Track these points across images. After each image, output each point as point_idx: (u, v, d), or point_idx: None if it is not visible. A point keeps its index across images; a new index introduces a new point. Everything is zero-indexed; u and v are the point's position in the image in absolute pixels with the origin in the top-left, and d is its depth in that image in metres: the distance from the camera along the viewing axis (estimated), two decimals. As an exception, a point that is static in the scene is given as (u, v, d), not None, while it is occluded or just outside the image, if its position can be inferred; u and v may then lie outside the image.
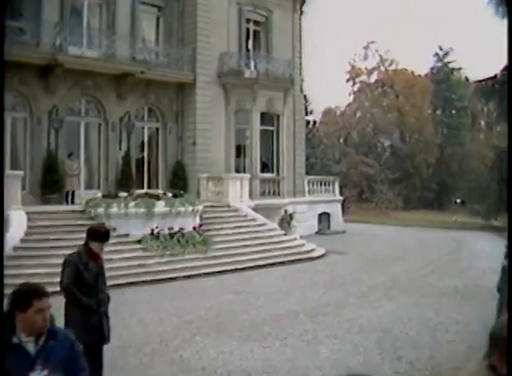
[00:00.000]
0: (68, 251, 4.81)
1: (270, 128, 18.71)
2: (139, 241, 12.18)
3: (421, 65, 58.91)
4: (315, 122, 35.98)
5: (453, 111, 40.54)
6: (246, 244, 13.65)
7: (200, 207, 13.91)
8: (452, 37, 59.34)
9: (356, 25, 61.31)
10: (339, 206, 22.10)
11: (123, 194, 13.14)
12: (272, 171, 18.76)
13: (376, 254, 15.25)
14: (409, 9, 59.03)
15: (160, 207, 12.79)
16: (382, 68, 41.89)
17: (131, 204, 12.55)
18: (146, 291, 9.73)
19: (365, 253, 15.44)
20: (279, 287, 10.54)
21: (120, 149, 16.04)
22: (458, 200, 37.48)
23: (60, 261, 4.71)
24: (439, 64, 41.64)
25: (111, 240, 4.81)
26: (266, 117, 18.42)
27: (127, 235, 12.27)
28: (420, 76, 40.60)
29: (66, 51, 14.26)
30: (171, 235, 12.51)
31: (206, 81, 17.41)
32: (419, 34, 58.55)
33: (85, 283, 4.46)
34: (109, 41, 15.30)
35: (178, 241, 12.49)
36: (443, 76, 40.69)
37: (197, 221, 13.67)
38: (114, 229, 11.97)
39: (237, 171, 17.80)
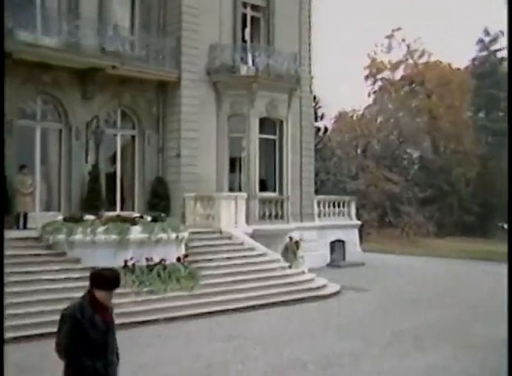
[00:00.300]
0: (19, 289, 4.68)
1: (271, 136, 18.98)
2: (110, 276, 12.22)
3: (460, 56, 57.43)
4: (326, 129, 36.41)
5: (500, 113, 38.46)
6: (242, 279, 13.73)
7: (186, 234, 13.99)
8: (501, 18, 58.48)
9: (378, 9, 60.21)
10: (356, 232, 22.24)
11: (90, 217, 13.22)
12: (274, 190, 18.98)
13: (403, 292, 15.37)
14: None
15: (135, 233, 12.86)
16: (410, 61, 41.74)
17: (100, 229, 12.62)
18: (118, 337, 9.74)
19: (389, 291, 15.54)
20: (282, 332, 10.56)
21: (86, 161, 16.14)
22: (505, 226, 36.95)
23: (10, 301, 4.56)
24: (484, 53, 39.71)
25: (73, 274, 4.77)
26: (267, 124, 18.71)
27: (94, 268, 12.26)
28: (458, 70, 39.30)
29: (14, 37, 13.56)
30: (150, 268, 12.54)
31: (193, 79, 17.63)
32: (457, 16, 56.32)
33: (91, 343, 4.28)
34: (72, 27, 14.99)
35: (159, 275, 12.48)
36: (489, 68, 38.74)
37: (182, 250, 13.70)
38: (78, 261, 12.00)
39: (231, 189, 18.08)
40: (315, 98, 27.95)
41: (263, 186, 18.70)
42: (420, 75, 40.43)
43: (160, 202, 17.08)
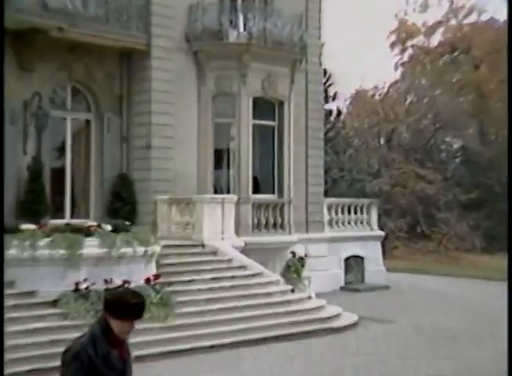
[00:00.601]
0: None
1: (269, 122, 19.07)
2: (55, 303, 12.17)
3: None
4: (339, 112, 36.58)
5: None
6: (231, 307, 13.74)
7: (157, 248, 14.00)
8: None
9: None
10: (378, 246, 22.36)
11: (28, 227, 13.11)
12: (272, 192, 19.12)
13: (440, 325, 15.30)
14: None
15: (91, 247, 12.82)
16: (452, 22, 41.14)
17: (43, 242, 12.53)
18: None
19: (422, 323, 15.50)
20: (282, 374, 10.49)
21: (24, 152, 15.99)
22: None
23: None
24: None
25: (8, 302, 4.65)
26: (263, 106, 18.82)
27: (33, 293, 12.26)
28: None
29: None
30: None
31: (167, 48, 17.65)
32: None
33: None
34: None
35: (121, 302, 12.46)
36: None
37: (153, 269, 13.72)
38: (11, 284, 11.91)
39: (217, 190, 18.26)
40: (325, 72, 28.13)
41: (258, 187, 18.83)
42: (466, 40, 39.93)
43: (123, 207, 17.11)
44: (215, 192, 18.09)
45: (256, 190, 18.62)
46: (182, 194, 17.31)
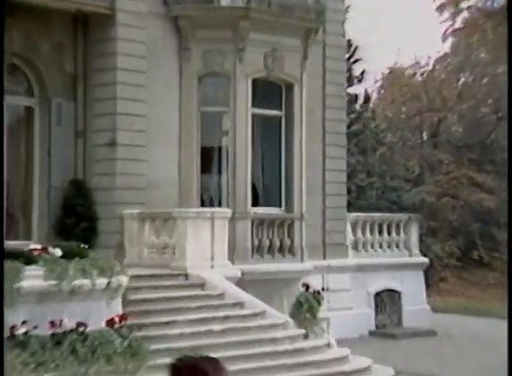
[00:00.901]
0: None
1: (274, 112, 19.09)
2: (-20, 355, 11.82)
3: None
4: (368, 98, 36.51)
5: None
6: (223, 357, 13.15)
7: (125, 280, 13.86)
8: None
9: None
10: (420, 277, 22.34)
11: None
12: (279, 204, 19.17)
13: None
14: None
15: (33, 278, 12.67)
16: None
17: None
18: None
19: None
20: None
21: None
22: None
23: None
24: None
25: None
26: (266, 90, 18.92)
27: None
28: None
29: None
30: (58, 338, 12.34)
31: (138, 12, 17.65)
32: None
33: None
34: None
35: (74, 352, 12.29)
36: None
37: (117, 308, 13.59)
38: None
39: (205, 202, 18.43)
40: (349, 45, 28.08)
41: (259, 197, 18.94)
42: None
43: (78, 224, 17.11)
44: (203, 204, 18.16)
45: (257, 202, 18.65)
46: (158, 207, 17.32)
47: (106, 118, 17.65)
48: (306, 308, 16.93)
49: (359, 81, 35.02)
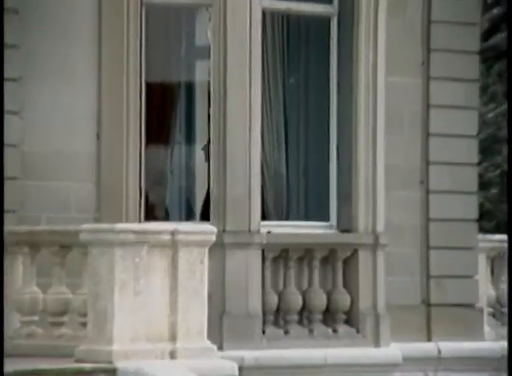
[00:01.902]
0: None
1: (315, 6, 13.47)
2: None
3: None
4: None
5: None
6: None
7: None
8: None
9: None
10: None
11: None
12: (324, 215, 13.73)
13: None
14: None
15: None
16: None
17: None
18: None
19: None
20: None
21: None
22: None
23: None
24: None
25: None
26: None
27: None
28: None
29: None
30: None
31: None
32: None
33: None
34: None
35: None
36: None
37: None
38: None
39: (156, 211, 13.34)
40: None
41: (278, 201, 13.62)
42: None
43: None
44: (152, 215, 12.56)
45: (273, 212, 13.18)
46: (51, 220, 12.21)
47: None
48: None
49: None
